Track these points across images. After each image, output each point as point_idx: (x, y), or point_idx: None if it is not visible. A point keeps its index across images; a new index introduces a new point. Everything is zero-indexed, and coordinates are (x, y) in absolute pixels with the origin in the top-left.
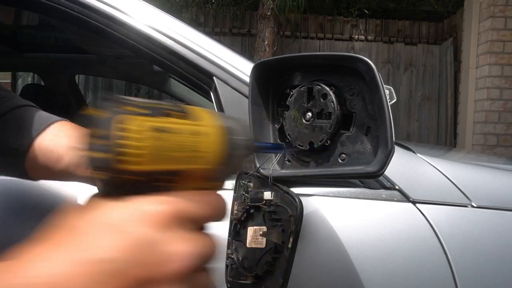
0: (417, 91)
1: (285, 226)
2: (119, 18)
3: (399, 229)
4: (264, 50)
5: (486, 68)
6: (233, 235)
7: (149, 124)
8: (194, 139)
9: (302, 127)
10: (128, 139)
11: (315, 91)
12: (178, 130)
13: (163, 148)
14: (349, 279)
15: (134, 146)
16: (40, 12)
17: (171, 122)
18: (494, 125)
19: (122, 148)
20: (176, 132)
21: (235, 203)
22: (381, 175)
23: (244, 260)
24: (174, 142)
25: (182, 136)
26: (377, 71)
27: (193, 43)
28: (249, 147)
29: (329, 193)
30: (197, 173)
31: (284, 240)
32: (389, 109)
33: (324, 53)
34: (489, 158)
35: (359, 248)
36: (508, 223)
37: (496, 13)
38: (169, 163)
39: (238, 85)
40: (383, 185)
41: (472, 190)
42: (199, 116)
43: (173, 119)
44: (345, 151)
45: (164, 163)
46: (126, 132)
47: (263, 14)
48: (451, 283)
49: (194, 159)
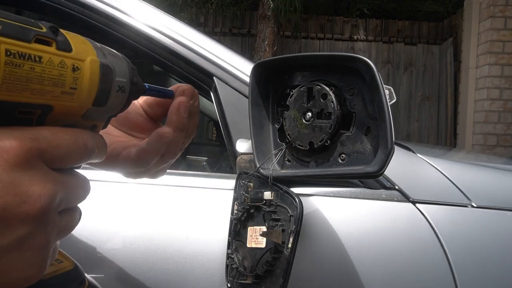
0: (417, 91)
1: (285, 226)
2: (119, 18)
3: (399, 229)
4: (264, 50)
5: (486, 68)
6: (233, 235)
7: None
8: (62, 72)
9: (302, 127)
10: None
11: (315, 91)
12: (42, 60)
13: (19, 78)
14: (349, 278)
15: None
16: (40, 12)
17: (34, 49)
18: (494, 125)
19: None
20: (40, 61)
21: (235, 203)
22: (381, 175)
23: (244, 260)
24: (34, 73)
25: (47, 67)
26: (377, 71)
27: (193, 43)
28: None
29: (329, 193)
30: (65, 109)
31: (284, 240)
32: (389, 109)
33: (324, 53)
34: (489, 158)
35: (359, 248)
36: (508, 223)
37: (496, 13)
38: (26, 95)
39: (238, 85)
40: (383, 185)
41: (472, 190)
42: (74, 47)
43: (38, 45)
44: (345, 151)
45: (19, 95)
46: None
47: (263, 14)
48: (451, 283)
49: (61, 94)
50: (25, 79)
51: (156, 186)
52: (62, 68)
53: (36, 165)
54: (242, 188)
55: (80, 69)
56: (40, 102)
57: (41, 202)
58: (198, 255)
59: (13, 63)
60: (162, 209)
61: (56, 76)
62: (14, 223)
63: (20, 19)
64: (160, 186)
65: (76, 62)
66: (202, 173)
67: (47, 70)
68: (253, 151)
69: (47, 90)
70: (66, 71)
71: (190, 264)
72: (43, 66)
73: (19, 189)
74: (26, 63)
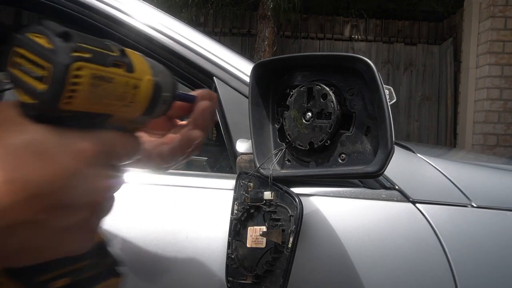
0: (417, 91)
1: (285, 226)
2: (119, 18)
3: (399, 229)
4: (264, 50)
5: (486, 68)
6: (233, 235)
7: (89, 71)
8: (126, 90)
9: (302, 127)
10: (66, 84)
11: (315, 91)
12: (114, 81)
13: (97, 95)
14: (349, 279)
15: (69, 89)
16: (40, 12)
17: (110, 72)
18: (494, 125)
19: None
20: (111, 82)
21: (235, 203)
22: (381, 175)
23: (244, 260)
24: (107, 90)
25: (117, 86)
26: (377, 71)
27: (193, 43)
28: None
29: (329, 193)
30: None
31: (284, 240)
32: (389, 109)
33: (324, 53)
34: (489, 158)
35: (359, 248)
36: (508, 223)
37: (496, 13)
38: (98, 107)
39: (238, 85)
40: (383, 185)
41: (472, 190)
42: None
43: (113, 69)
44: (345, 151)
45: (93, 107)
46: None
47: (263, 14)
48: (451, 283)
49: (122, 107)
50: (99, 96)
51: (156, 186)
52: (126, 87)
53: (101, 164)
54: (242, 188)
55: (139, 87)
56: (106, 112)
57: (103, 194)
58: (198, 255)
59: (94, 84)
60: (162, 209)
61: (121, 93)
62: (81, 208)
63: (101, 44)
64: (160, 186)
65: (136, 81)
66: (202, 173)
67: (116, 88)
68: (253, 151)
69: (113, 103)
70: (128, 89)
71: (190, 264)
72: (114, 85)
73: (89, 182)
74: (102, 84)
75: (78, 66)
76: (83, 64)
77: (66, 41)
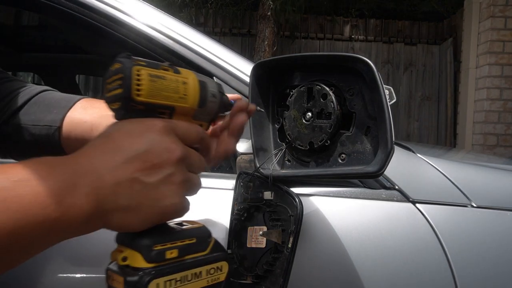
0: (417, 91)
1: (285, 226)
2: (119, 18)
3: (399, 229)
4: (264, 50)
5: (486, 68)
6: (233, 235)
7: (147, 71)
8: (178, 85)
9: (302, 127)
10: (132, 79)
11: (315, 91)
12: (166, 78)
13: (156, 88)
14: (349, 279)
15: (136, 84)
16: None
17: (162, 72)
18: (494, 125)
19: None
20: (165, 78)
21: (235, 203)
22: (380, 175)
23: (244, 260)
24: (163, 85)
25: (169, 81)
26: (377, 71)
27: (193, 43)
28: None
29: (329, 193)
30: (182, 110)
31: (284, 240)
32: (389, 109)
33: (324, 53)
34: (489, 158)
35: (359, 248)
36: (508, 223)
37: (496, 13)
38: (160, 98)
39: (238, 85)
40: (383, 185)
41: (472, 190)
42: (181, 72)
43: (164, 71)
44: (345, 151)
45: (157, 98)
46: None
47: (263, 14)
48: (451, 283)
49: (179, 98)
50: (158, 89)
51: None
52: (177, 82)
53: (172, 135)
54: (242, 188)
55: (187, 83)
56: (167, 103)
57: (178, 153)
58: None
59: (152, 80)
60: None
61: (174, 87)
62: (164, 165)
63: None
64: None
65: (184, 79)
66: (202, 173)
67: (169, 83)
68: (253, 151)
69: (170, 95)
70: (179, 84)
71: None
72: (166, 81)
73: (166, 145)
74: (158, 80)
75: (138, 68)
76: (140, 67)
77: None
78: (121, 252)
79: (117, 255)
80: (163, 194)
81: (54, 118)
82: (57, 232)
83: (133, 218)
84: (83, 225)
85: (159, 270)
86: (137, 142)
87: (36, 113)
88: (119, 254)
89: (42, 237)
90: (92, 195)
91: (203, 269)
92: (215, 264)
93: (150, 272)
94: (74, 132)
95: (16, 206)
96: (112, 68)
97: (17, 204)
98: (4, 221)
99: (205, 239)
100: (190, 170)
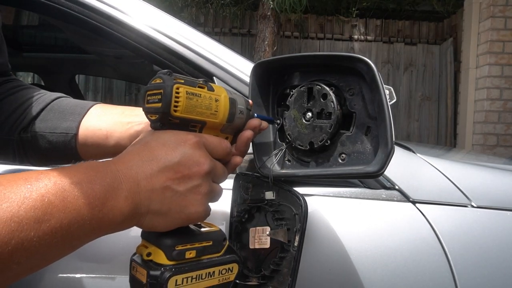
0: (417, 91)
1: (290, 224)
2: (119, 18)
3: (399, 229)
4: (264, 50)
5: (486, 68)
6: (234, 237)
7: (185, 89)
8: (211, 102)
9: (302, 127)
10: (171, 96)
11: (315, 91)
12: (201, 95)
13: (192, 105)
14: (349, 279)
15: (175, 101)
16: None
17: (198, 90)
18: (494, 125)
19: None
20: (200, 96)
21: (234, 204)
22: (381, 175)
23: (247, 261)
24: (198, 102)
25: (203, 99)
26: (377, 71)
27: (193, 43)
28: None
29: (329, 193)
30: (213, 125)
31: (290, 238)
32: (389, 109)
33: (324, 53)
34: (489, 158)
35: (359, 248)
36: (508, 223)
37: (496, 13)
38: (195, 114)
39: (238, 85)
40: (383, 185)
41: (472, 190)
42: (215, 88)
43: (200, 89)
44: (345, 151)
45: (192, 114)
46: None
47: (263, 14)
48: (451, 283)
49: (210, 114)
50: (194, 106)
51: None
52: (210, 100)
53: (203, 149)
54: (241, 189)
55: (219, 100)
56: (200, 119)
57: (206, 166)
58: None
59: (188, 97)
60: None
61: (207, 104)
62: (193, 176)
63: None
64: None
65: (216, 96)
66: None
67: (203, 101)
68: (253, 151)
69: (204, 112)
70: (211, 102)
71: None
72: (201, 98)
73: (196, 159)
74: (194, 97)
75: (177, 86)
76: (180, 85)
77: (168, 75)
78: (146, 248)
79: (142, 250)
80: (190, 202)
81: (70, 125)
82: (98, 229)
83: (162, 221)
84: (120, 225)
85: (179, 268)
86: (171, 154)
87: (53, 120)
88: (144, 249)
89: (86, 234)
90: (130, 199)
91: (216, 269)
92: (227, 265)
93: (170, 269)
94: (91, 140)
95: (73, 206)
96: (153, 82)
97: (73, 204)
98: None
99: (220, 242)
100: (214, 181)
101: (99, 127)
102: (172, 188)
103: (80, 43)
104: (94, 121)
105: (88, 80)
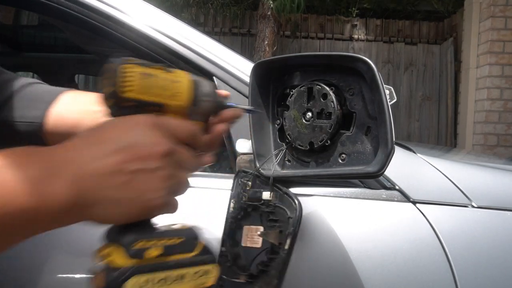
0: (417, 91)
1: (283, 227)
2: (119, 18)
3: (399, 229)
4: (264, 50)
5: (486, 68)
6: (227, 232)
7: (139, 70)
8: (169, 83)
9: (302, 127)
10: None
11: (315, 91)
12: (156, 75)
13: (146, 85)
14: (349, 279)
15: (125, 81)
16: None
17: (152, 70)
18: (494, 125)
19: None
20: (155, 76)
21: (231, 200)
22: (381, 175)
23: (238, 258)
24: (153, 82)
25: (161, 79)
26: (377, 71)
27: (193, 43)
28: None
29: (329, 193)
30: (175, 108)
31: (281, 241)
32: (389, 109)
33: (324, 53)
34: (489, 158)
35: (359, 249)
36: (508, 223)
37: (496, 13)
38: (151, 96)
39: (238, 85)
40: (383, 185)
41: (472, 190)
42: (176, 72)
43: (156, 69)
44: (345, 151)
45: (148, 95)
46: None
47: (263, 14)
48: (451, 283)
49: (170, 96)
50: (147, 86)
51: None
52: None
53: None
54: (240, 186)
55: (179, 81)
56: (156, 100)
57: (164, 147)
58: None
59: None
60: None
61: (163, 85)
62: (148, 158)
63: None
64: None
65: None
66: (202, 173)
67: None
68: (253, 151)
69: (160, 93)
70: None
71: None
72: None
73: (152, 139)
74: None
75: (127, 66)
76: (130, 65)
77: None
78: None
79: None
80: (146, 187)
81: (36, 114)
82: (36, 221)
83: (115, 210)
84: (63, 216)
85: (140, 267)
86: (123, 136)
87: (21, 108)
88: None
89: (22, 226)
90: (72, 185)
91: (188, 271)
92: (201, 267)
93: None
94: (59, 129)
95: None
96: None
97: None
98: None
99: (192, 241)
100: (180, 167)
101: (67, 116)
102: (124, 172)
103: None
104: (63, 109)
105: (88, 80)
